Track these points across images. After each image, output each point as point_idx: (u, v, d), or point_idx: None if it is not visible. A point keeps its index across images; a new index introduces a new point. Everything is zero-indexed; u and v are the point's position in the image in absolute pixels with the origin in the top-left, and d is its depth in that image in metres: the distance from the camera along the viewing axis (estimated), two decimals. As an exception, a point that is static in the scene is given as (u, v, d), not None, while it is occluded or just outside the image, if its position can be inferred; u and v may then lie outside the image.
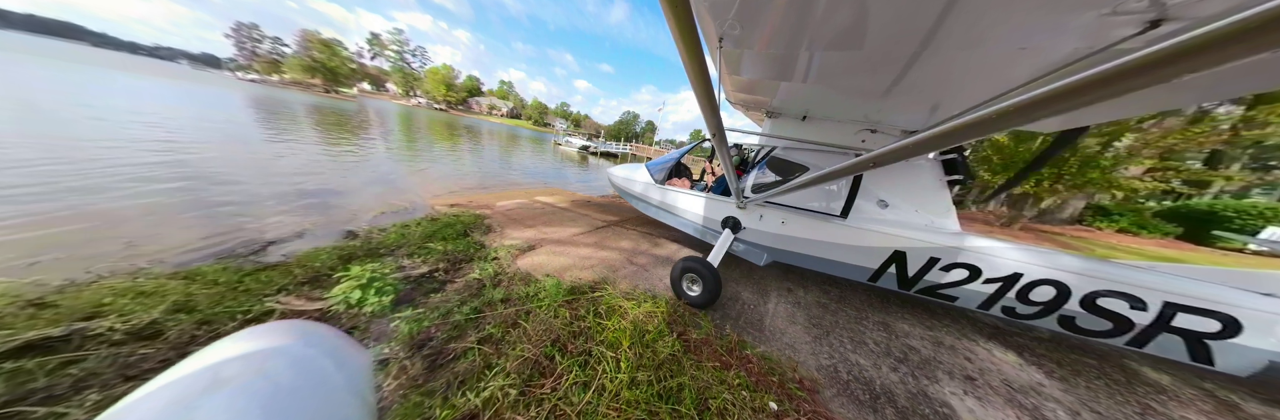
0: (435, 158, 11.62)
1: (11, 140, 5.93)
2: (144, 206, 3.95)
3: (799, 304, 2.84)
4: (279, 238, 3.54)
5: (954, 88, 1.65)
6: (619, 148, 32.95)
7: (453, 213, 4.60)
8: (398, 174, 8.11)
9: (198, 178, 5.22)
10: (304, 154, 8.43)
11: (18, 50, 39.36)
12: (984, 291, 2.11)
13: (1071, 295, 1.89)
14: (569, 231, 4.22)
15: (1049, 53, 1.21)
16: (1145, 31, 1.02)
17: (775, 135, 3.08)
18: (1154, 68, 0.49)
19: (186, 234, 3.38)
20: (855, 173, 1.41)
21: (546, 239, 3.83)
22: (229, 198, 4.58)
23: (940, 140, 0.86)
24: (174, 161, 5.92)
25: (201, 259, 2.91)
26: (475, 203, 5.40)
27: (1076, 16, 1.01)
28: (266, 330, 0.71)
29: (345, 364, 0.70)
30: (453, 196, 6.10)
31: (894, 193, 2.53)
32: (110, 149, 6.15)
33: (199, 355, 0.63)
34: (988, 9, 1.02)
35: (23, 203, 3.57)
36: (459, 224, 4.02)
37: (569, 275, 2.91)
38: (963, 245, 2.13)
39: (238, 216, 3.97)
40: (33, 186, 4.03)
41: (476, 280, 2.72)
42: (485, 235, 3.84)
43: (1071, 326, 1.97)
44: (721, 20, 1.29)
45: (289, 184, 5.66)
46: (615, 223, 4.86)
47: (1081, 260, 1.97)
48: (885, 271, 2.40)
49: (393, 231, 3.71)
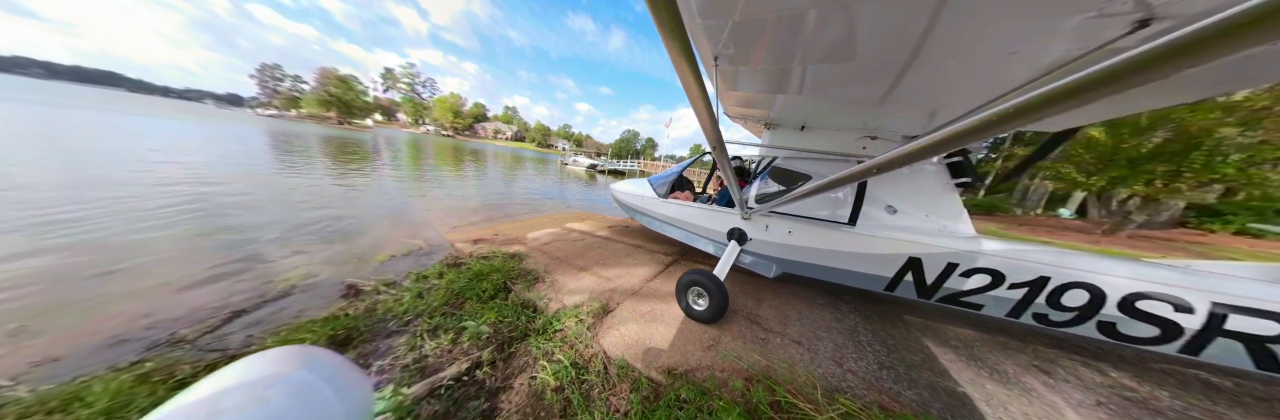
0: (445, 183, 11.00)
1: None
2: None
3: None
4: (253, 301, 2.72)
5: (950, 93, 1.67)
6: (627, 165, 32.44)
7: (479, 253, 3.73)
8: (408, 203, 7.32)
9: (178, 224, 4.33)
10: (305, 188, 7.54)
11: (60, 99, 41.42)
12: (1010, 298, 2.00)
13: (1107, 299, 1.78)
14: (637, 275, 3.28)
15: (1041, 56, 1.23)
16: (1135, 31, 1.03)
17: (775, 146, 3.10)
18: (1150, 65, 0.49)
19: (121, 318, 2.36)
20: (859, 180, 1.40)
21: (615, 289, 2.89)
22: (213, 247, 3.75)
23: (942, 144, 0.85)
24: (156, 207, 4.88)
25: (131, 351, 2.02)
26: (502, 236, 4.52)
27: (1063, 21, 1.03)
28: (272, 357, 0.71)
29: (345, 392, 0.69)
30: (473, 229, 5.24)
31: (902, 198, 2.50)
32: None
33: (204, 382, 0.63)
34: (973, 18, 1.05)
35: None
36: (495, 273, 3.10)
37: (699, 361, 1.88)
38: (981, 249, 2.05)
39: (215, 281, 3.02)
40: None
41: (550, 386, 1.72)
42: (532, 288, 2.87)
43: (1114, 333, 1.84)
44: (716, 41, 1.35)
45: (288, 223, 4.88)
46: (680, 255, 4.04)
47: (1110, 260, 1.87)
48: (902, 280, 2.30)
49: (407, 287, 2.90)
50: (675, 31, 0.77)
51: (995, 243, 2.08)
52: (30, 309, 2.47)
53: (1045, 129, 2.27)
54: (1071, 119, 1.99)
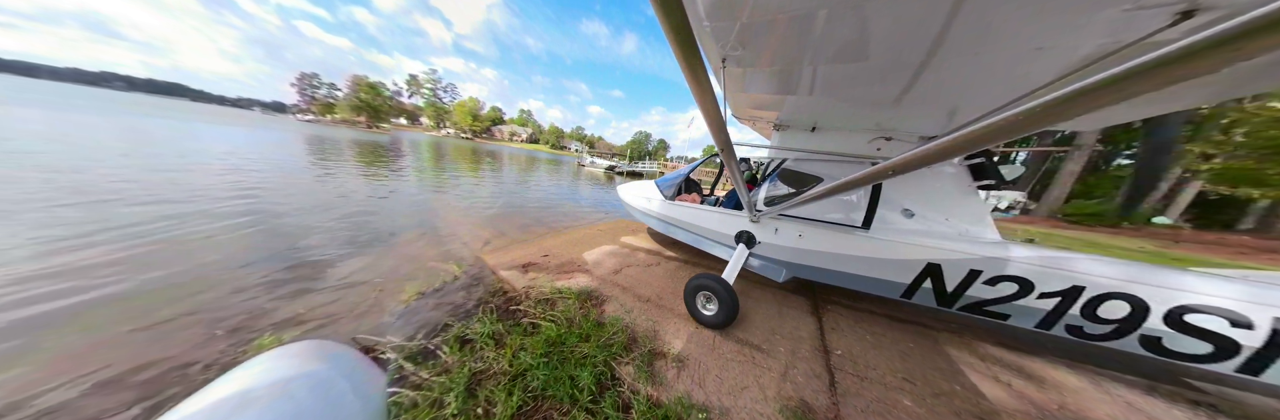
0: (467, 189, 9.91)
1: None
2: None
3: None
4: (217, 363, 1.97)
5: (971, 92, 1.58)
6: (646, 166, 31.34)
7: (537, 290, 2.74)
8: (432, 213, 6.32)
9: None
10: (329, 191, 6.94)
11: (140, 107, 43.80)
12: (1040, 308, 1.87)
13: (1151, 311, 1.64)
14: (784, 330, 2.41)
15: (1071, 51, 1.15)
16: (1177, 23, 0.95)
17: (785, 147, 3.02)
18: (1195, 59, 0.45)
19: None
20: (873, 182, 1.33)
21: (790, 367, 1.99)
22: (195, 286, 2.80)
23: (964, 145, 0.80)
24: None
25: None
26: (553, 258, 3.59)
27: (1097, 13, 0.96)
28: (294, 351, 0.74)
29: (361, 388, 0.71)
30: (514, 248, 4.16)
31: (919, 201, 2.38)
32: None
33: (233, 373, 0.66)
34: (996, 12, 0.99)
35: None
36: (577, 340, 2.03)
37: None
38: (1007, 255, 1.93)
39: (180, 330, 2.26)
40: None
41: None
42: (649, 367, 1.84)
43: (1159, 349, 1.68)
44: (723, 43, 1.32)
45: (294, 250, 3.78)
46: (804, 289, 3.22)
47: (1153, 269, 1.71)
48: (920, 286, 2.19)
49: (449, 367, 1.84)
50: (682, 34, 0.75)
51: (1023, 249, 1.96)
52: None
53: (1077, 128, 2.12)
54: (1104, 117, 1.86)
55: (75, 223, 3.89)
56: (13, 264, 2.90)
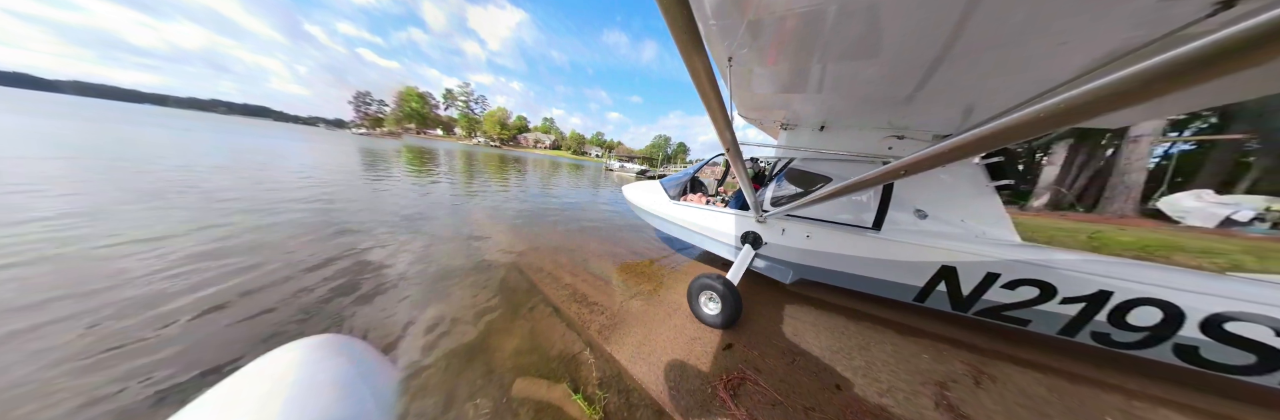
0: (496, 193, 8.67)
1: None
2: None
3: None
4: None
5: (988, 89, 1.49)
6: (676, 170, 29.70)
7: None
8: (462, 218, 5.34)
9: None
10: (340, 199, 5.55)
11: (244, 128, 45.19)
12: (1063, 313, 1.72)
13: (1185, 318, 1.48)
14: None
15: (1097, 45, 1.06)
16: (1214, 14, 0.86)
17: (792, 147, 2.90)
18: (1235, 53, 0.40)
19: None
20: (884, 182, 1.26)
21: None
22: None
23: (980, 144, 0.74)
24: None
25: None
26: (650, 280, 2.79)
27: (1126, 5, 0.88)
28: (315, 344, 0.73)
29: (374, 382, 0.71)
30: (562, 263, 3.40)
31: (933, 202, 2.25)
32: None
33: (256, 364, 0.65)
34: (1017, 6, 0.92)
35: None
36: None
37: None
38: (1027, 258, 1.78)
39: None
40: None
41: None
42: None
43: (1195, 359, 1.51)
44: (730, 41, 1.29)
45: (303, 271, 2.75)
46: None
47: (1187, 274, 1.55)
48: (934, 290, 2.05)
49: None
50: (688, 33, 0.74)
51: (1045, 251, 1.81)
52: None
53: (1104, 125, 1.96)
54: (1130, 115, 1.71)
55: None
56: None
